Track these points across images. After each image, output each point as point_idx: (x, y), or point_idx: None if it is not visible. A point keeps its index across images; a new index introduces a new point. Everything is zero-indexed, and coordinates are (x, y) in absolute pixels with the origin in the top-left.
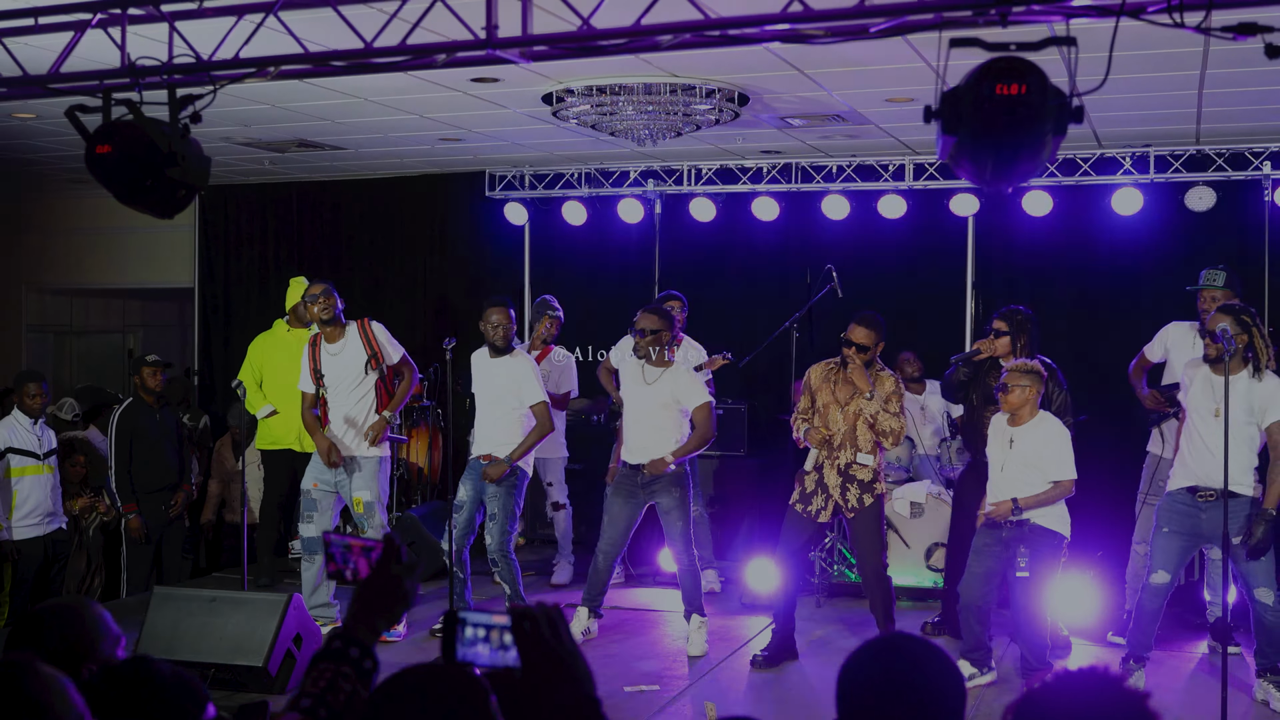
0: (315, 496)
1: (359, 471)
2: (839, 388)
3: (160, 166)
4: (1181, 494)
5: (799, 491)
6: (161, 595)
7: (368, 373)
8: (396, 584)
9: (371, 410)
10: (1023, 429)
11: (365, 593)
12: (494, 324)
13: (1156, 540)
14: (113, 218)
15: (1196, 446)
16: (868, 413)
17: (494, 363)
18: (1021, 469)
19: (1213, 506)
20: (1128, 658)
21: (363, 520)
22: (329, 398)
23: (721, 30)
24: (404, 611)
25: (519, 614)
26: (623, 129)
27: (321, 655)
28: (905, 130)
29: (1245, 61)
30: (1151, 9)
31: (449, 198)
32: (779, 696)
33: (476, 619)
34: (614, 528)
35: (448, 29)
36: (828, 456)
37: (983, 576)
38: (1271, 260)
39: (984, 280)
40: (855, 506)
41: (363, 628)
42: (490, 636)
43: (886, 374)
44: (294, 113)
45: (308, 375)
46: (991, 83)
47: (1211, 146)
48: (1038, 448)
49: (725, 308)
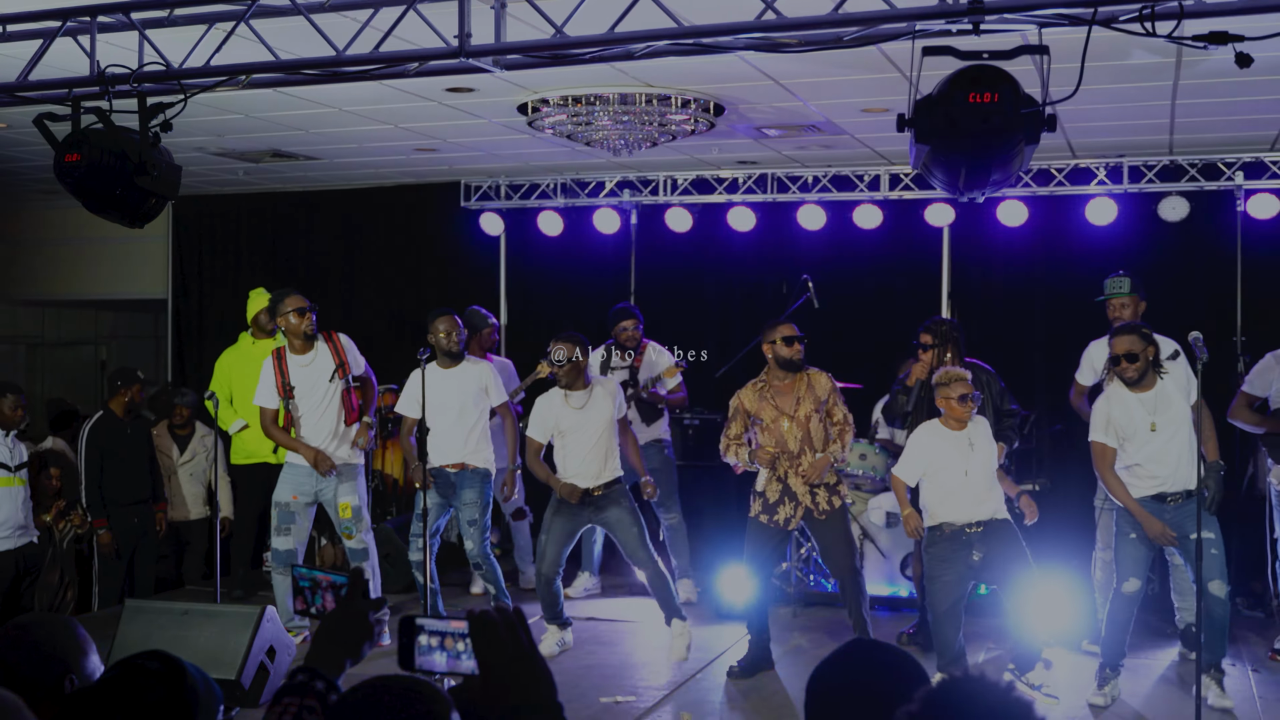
0: (294, 509)
1: (342, 478)
2: (780, 400)
3: (130, 175)
4: (1147, 501)
5: (761, 503)
6: (133, 608)
7: (334, 381)
8: (360, 619)
9: (341, 419)
10: (972, 432)
11: (329, 627)
12: (444, 332)
13: (1122, 548)
14: (85, 228)
15: (1157, 463)
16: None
17: (451, 372)
18: (983, 471)
19: (1179, 508)
20: (1104, 666)
21: (350, 525)
22: (300, 408)
23: (695, 39)
24: (367, 646)
25: (476, 620)
26: (598, 139)
27: (286, 689)
28: (881, 141)
29: (1217, 72)
30: (1123, 18)
31: (424, 208)
32: (755, 706)
33: (433, 626)
34: (555, 545)
35: (421, 38)
36: (790, 465)
37: (955, 583)
38: (1244, 270)
39: (959, 290)
40: (826, 509)
41: (327, 661)
42: (446, 643)
43: (817, 371)
44: (268, 123)
45: (273, 390)
46: (964, 91)
47: (1184, 157)
48: (990, 445)
49: (701, 318)
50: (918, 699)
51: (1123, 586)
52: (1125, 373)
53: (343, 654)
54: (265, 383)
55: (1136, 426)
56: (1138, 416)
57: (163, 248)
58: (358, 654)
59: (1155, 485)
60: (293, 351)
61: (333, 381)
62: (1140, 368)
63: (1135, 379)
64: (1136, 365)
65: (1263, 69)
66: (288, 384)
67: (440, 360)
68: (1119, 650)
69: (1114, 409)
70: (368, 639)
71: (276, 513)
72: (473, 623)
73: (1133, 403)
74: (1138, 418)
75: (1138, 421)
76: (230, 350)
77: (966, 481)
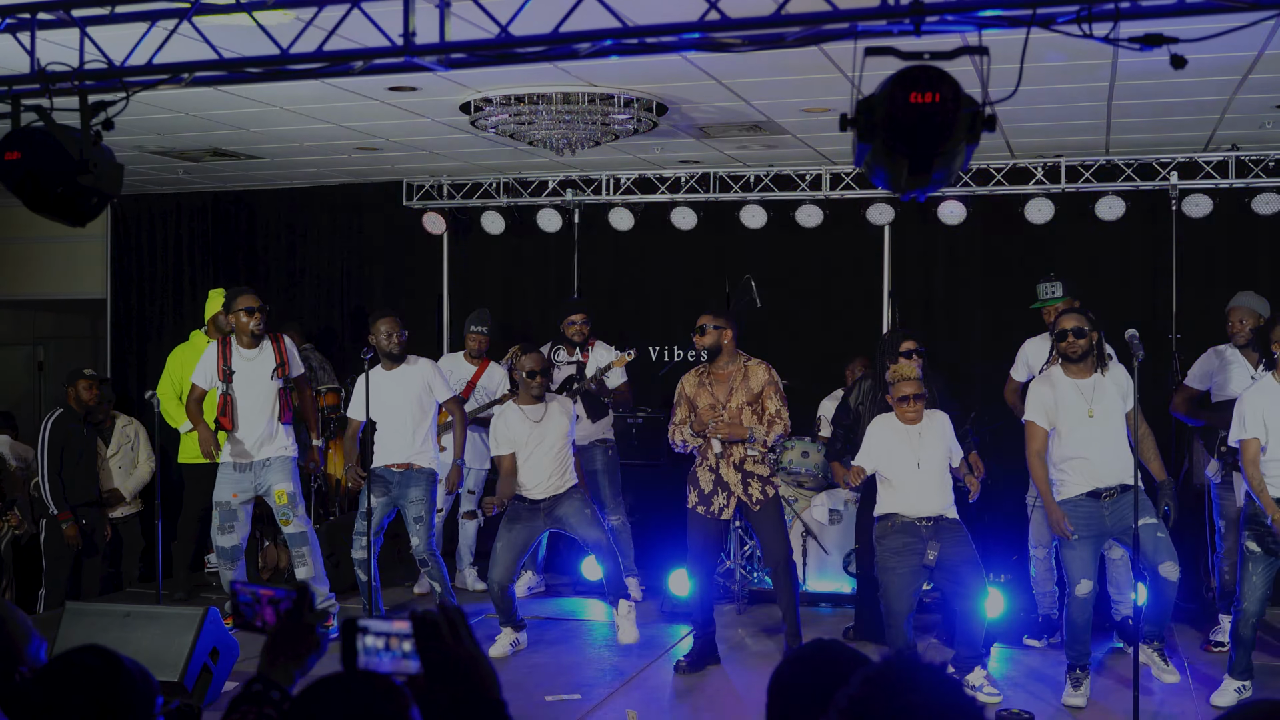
0: (234, 507)
1: (274, 469)
2: (716, 389)
3: (71, 174)
4: (1082, 500)
5: (697, 494)
6: (74, 611)
7: (273, 379)
8: (307, 631)
9: (275, 414)
10: (925, 425)
11: (277, 640)
12: (385, 333)
13: (1065, 553)
14: (22, 227)
15: (1090, 451)
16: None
17: (394, 373)
18: (934, 465)
19: (1115, 502)
20: (1072, 667)
21: (287, 511)
22: (237, 398)
23: (639, 38)
24: (314, 657)
25: (419, 620)
26: (541, 138)
27: (242, 698)
28: (822, 140)
29: (1153, 73)
30: (1061, 20)
31: (366, 208)
32: (702, 703)
33: (376, 627)
34: (510, 553)
35: (365, 37)
36: (721, 455)
37: (909, 575)
38: (1179, 269)
39: (900, 288)
40: (760, 499)
41: (278, 673)
42: (390, 644)
43: (756, 363)
44: (209, 121)
45: (212, 372)
46: (905, 91)
47: (1120, 157)
48: (945, 438)
49: (644, 317)
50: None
51: (1075, 590)
52: (1071, 349)
53: (292, 666)
54: (205, 364)
55: (1072, 409)
56: (1074, 400)
57: (101, 248)
58: (304, 666)
59: (1089, 479)
60: (239, 344)
61: (272, 379)
62: (1085, 345)
63: (1078, 356)
64: (1082, 342)
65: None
66: (228, 369)
67: (383, 361)
68: (1083, 650)
69: (1050, 390)
70: (314, 651)
71: (218, 512)
72: (416, 623)
73: (1069, 387)
74: (1073, 401)
75: (1074, 404)
76: (183, 347)
77: (918, 474)
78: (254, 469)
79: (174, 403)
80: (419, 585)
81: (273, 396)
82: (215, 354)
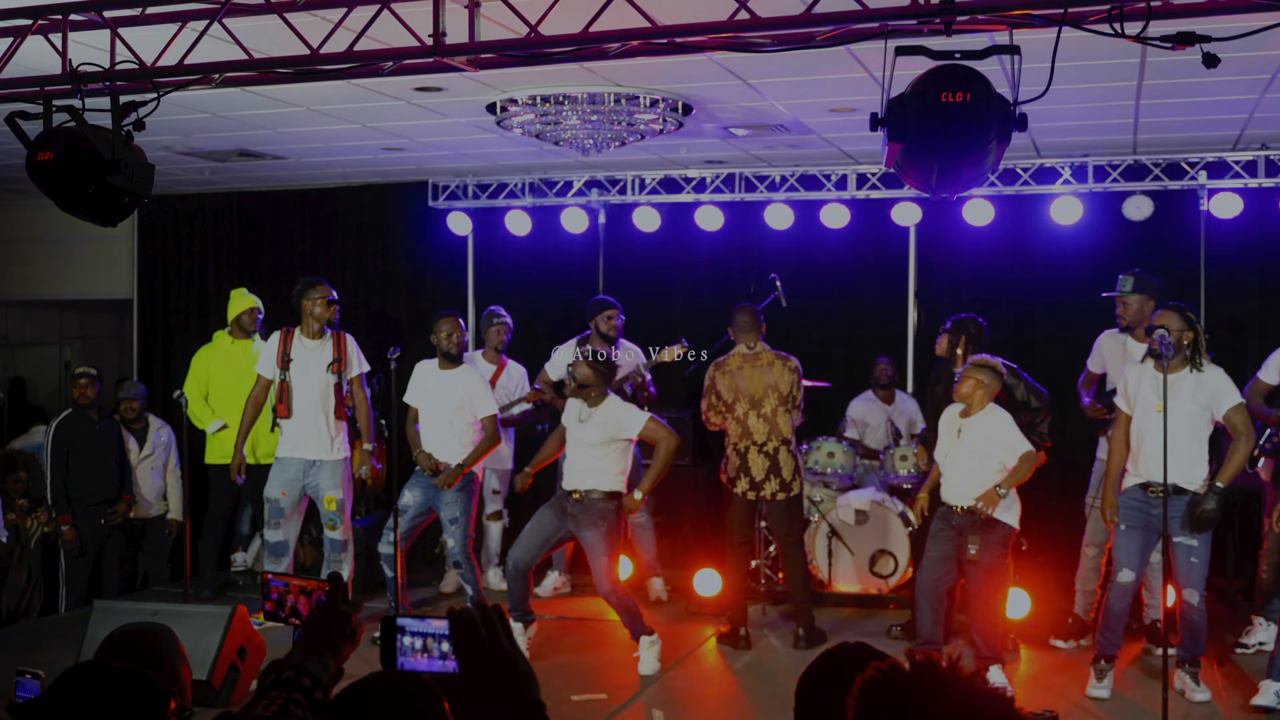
0: (284, 505)
1: (325, 472)
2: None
3: (103, 173)
4: (1134, 490)
5: (726, 472)
6: (103, 609)
7: (329, 372)
8: (343, 622)
9: (330, 408)
10: (971, 420)
11: (311, 630)
12: (446, 334)
13: (1117, 538)
14: (49, 227)
15: (1146, 444)
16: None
17: (445, 374)
18: (966, 458)
19: (1160, 501)
20: (1098, 657)
21: (335, 517)
22: (293, 385)
23: (669, 38)
24: (348, 648)
25: (457, 618)
26: (567, 138)
27: (274, 683)
28: (848, 140)
29: (1182, 72)
30: (1092, 19)
31: (392, 208)
32: (727, 703)
33: (414, 627)
34: (534, 534)
35: (394, 37)
36: (754, 444)
37: (938, 560)
38: (1206, 268)
39: (926, 289)
40: (773, 495)
41: (312, 663)
42: (428, 643)
43: (782, 364)
44: (235, 122)
45: (272, 361)
46: (937, 90)
47: (1148, 156)
48: (989, 436)
49: (669, 318)
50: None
51: (1118, 577)
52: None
53: (327, 655)
54: (268, 352)
55: (1145, 400)
56: (1148, 392)
57: (128, 248)
58: (340, 654)
59: (1142, 471)
60: (303, 333)
61: (327, 372)
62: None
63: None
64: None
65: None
66: (287, 355)
67: (440, 361)
68: (1113, 640)
69: (1136, 379)
70: (350, 640)
71: (267, 508)
72: (453, 622)
73: (1151, 379)
74: (1148, 393)
75: (1147, 396)
76: (206, 349)
77: (946, 464)
78: (304, 468)
79: (201, 404)
80: (445, 583)
81: (328, 390)
82: (278, 341)
